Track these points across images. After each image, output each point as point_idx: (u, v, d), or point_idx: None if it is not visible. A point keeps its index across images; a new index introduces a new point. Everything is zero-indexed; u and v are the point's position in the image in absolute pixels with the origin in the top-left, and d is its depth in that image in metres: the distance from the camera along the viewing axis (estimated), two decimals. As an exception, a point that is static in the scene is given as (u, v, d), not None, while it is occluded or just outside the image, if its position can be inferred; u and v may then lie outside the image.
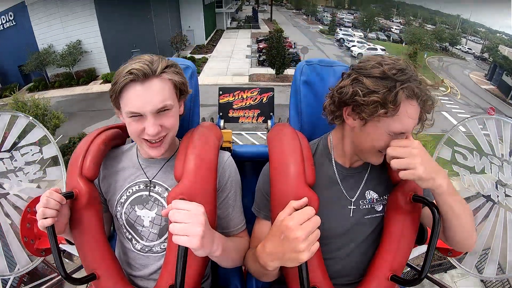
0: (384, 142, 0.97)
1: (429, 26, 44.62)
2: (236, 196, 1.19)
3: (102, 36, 21.97)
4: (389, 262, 1.03)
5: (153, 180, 1.16)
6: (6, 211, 1.56)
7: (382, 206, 1.11)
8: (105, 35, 22.06)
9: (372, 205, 1.11)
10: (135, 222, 1.15)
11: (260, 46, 27.57)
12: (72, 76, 21.74)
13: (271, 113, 1.60)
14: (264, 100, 1.59)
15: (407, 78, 0.91)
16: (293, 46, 27.77)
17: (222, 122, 1.58)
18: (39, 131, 1.60)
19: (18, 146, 1.58)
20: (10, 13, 20.94)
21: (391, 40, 40.09)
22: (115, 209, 1.17)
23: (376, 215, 1.11)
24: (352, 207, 1.10)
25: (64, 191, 1.03)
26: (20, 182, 1.57)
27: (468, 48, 39.90)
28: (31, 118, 1.59)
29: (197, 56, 26.85)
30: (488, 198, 1.56)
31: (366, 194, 1.12)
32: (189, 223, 0.85)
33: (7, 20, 21.06)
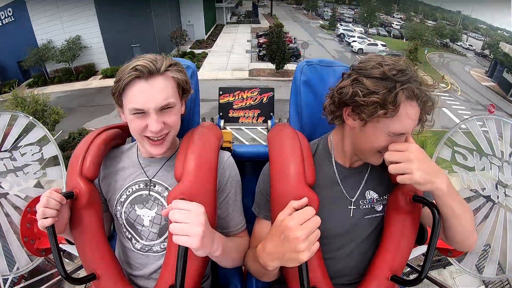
0: (384, 143, 0.96)
1: (430, 22, 44.34)
2: (236, 196, 1.19)
3: (102, 31, 21.86)
4: (389, 262, 1.03)
5: (153, 179, 1.16)
6: (6, 211, 1.56)
7: (382, 206, 1.11)
8: (105, 30, 21.94)
9: (372, 205, 1.11)
10: (135, 222, 1.15)
11: (260, 41, 27.36)
12: (72, 72, 21.64)
13: (271, 113, 1.60)
14: (264, 100, 1.58)
15: (407, 79, 0.91)
16: (293, 41, 27.62)
17: (222, 122, 1.58)
18: (39, 131, 1.60)
19: (18, 146, 1.57)
20: (9, 9, 20.80)
21: (392, 36, 39.81)
22: (115, 209, 1.17)
23: (376, 215, 1.11)
24: (352, 207, 1.10)
25: (64, 191, 1.03)
26: (20, 182, 1.57)
27: (469, 45, 39.63)
28: (31, 118, 1.59)
29: (197, 51, 26.70)
30: (488, 198, 1.56)
31: (366, 194, 1.11)
32: (189, 223, 0.85)
33: (6, 16, 20.91)
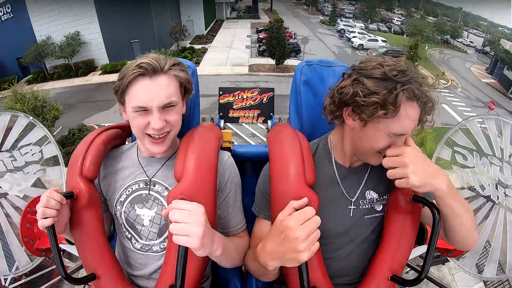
0: (384, 143, 0.96)
1: (431, 18, 43.93)
2: (236, 196, 1.19)
3: (101, 27, 21.76)
4: (389, 262, 1.03)
5: (153, 179, 1.16)
6: (6, 211, 1.56)
7: (382, 206, 1.11)
8: (104, 26, 21.84)
9: (372, 205, 1.11)
10: (135, 221, 1.15)
11: (260, 36, 27.25)
12: (71, 68, 21.55)
13: (271, 113, 1.59)
14: (264, 100, 1.58)
15: (408, 80, 0.91)
16: (294, 37, 27.50)
17: (222, 122, 1.57)
18: (39, 131, 1.60)
19: (18, 146, 1.57)
20: (8, 5, 20.62)
21: (392, 32, 39.61)
22: (115, 208, 1.17)
23: (376, 215, 1.11)
24: (352, 207, 1.10)
25: (64, 191, 1.03)
26: (20, 182, 1.57)
27: (470, 41, 39.39)
28: (31, 118, 1.58)
29: (197, 46, 26.55)
30: (488, 198, 1.56)
31: (366, 194, 1.11)
32: (189, 223, 0.85)
33: (5, 13, 20.74)
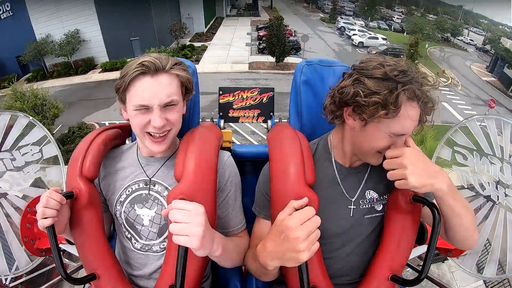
0: (384, 143, 0.97)
1: (431, 16, 43.52)
2: (236, 196, 1.19)
3: (101, 25, 21.70)
4: (389, 262, 1.03)
5: (153, 179, 1.16)
6: (6, 211, 1.56)
7: (382, 206, 1.11)
8: (104, 24, 21.77)
9: (372, 205, 1.11)
10: (135, 221, 1.15)
11: (260, 34, 27.09)
12: (71, 66, 21.50)
13: (271, 113, 1.59)
14: (264, 100, 1.58)
15: (409, 80, 0.91)
16: (294, 34, 27.33)
17: (222, 122, 1.57)
18: (39, 131, 1.59)
19: (18, 146, 1.57)
20: (7, 4, 20.55)
21: (393, 30, 39.31)
22: (115, 208, 1.17)
23: (376, 215, 1.11)
24: (352, 207, 1.10)
25: (64, 191, 1.03)
26: (20, 182, 1.57)
27: (470, 40, 39.03)
28: (31, 118, 1.58)
29: (197, 44, 26.46)
30: (488, 198, 1.56)
31: (366, 194, 1.11)
32: (189, 223, 0.85)
33: (4, 11, 20.67)
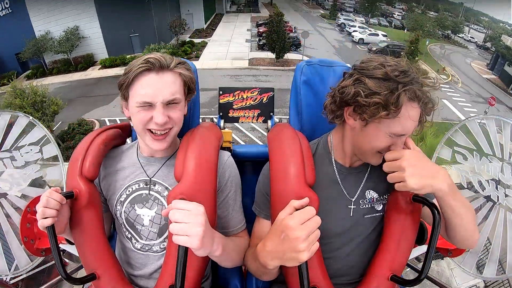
0: (384, 144, 0.97)
1: (432, 13, 42.81)
2: (236, 196, 1.19)
3: (100, 21, 21.61)
4: (389, 262, 1.03)
5: (153, 179, 1.16)
6: (6, 211, 1.56)
7: (382, 206, 1.11)
8: (103, 20, 21.70)
9: (372, 205, 1.11)
10: (135, 221, 1.15)
11: (260, 30, 27.11)
12: (70, 62, 21.39)
13: (271, 113, 1.60)
14: (264, 100, 1.58)
15: (410, 80, 0.91)
16: (294, 31, 27.30)
17: (222, 122, 1.58)
18: (39, 131, 1.60)
19: (18, 146, 1.57)
20: (6, 1, 20.38)
21: (393, 26, 38.87)
22: (115, 208, 1.17)
23: (376, 215, 1.11)
24: (352, 207, 1.10)
25: (64, 191, 1.03)
26: (20, 182, 1.57)
27: (471, 37, 38.49)
28: (31, 118, 1.59)
29: (196, 40, 26.32)
30: (488, 198, 1.56)
31: (366, 194, 1.11)
32: (189, 223, 0.85)
33: (3, 8, 20.49)
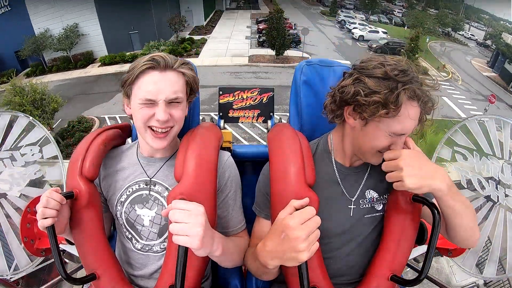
0: (384, 143, 0.97)
1: (432, 11, 42.42)
2: (236, 196, 1.19)
3: (99, 19, 21.56)
4: (389, 262, 1.03)
5: (153, 179, 1.16)
6: (6, 212, 1.56)
7: (382, 205, 1.11)
8: (102, 18, 21.64)
9: (372, 204, 1.11)
10: (135, 222, 1.15)
11: (260, 27, 27.03)
12: (70, 60, 21.33)
13: (271, 113, 1.60)
14: (264, 100, 1.58)
15: (409, 80, 0.92)
16: (294, 27, 27.14)
17: (222, 122, 1.58)
18: (39, 131, 1.60)
19: (18, 146, 1.57)
20: (5, -2, 20.25)
21: (393, 23, 38.86)
22: (115, 209, 1.17)
23: (376, 214, 1.11)
24: (352, 207, 1.10)
25: (64, 191, 1.03)
26: (20, 182, 1.57)
27: (471, 35, 38.60)
28: (31, 118, 1.59)
29: (196, 37, 26.26)
30: (488, 198, 1.56)
31: (366, 194, 1.11)
32: (189, 223, 0.85)
33: (2, 6, 20.33)
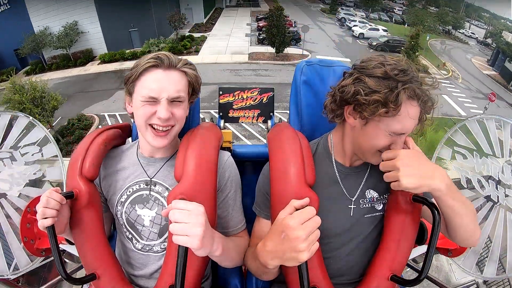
0: (384, 142, 0.97)
1: (433, 9, 42.10)
2: (236, 196, 1.19)
3: (99, 16, 21.55)
4: (389, 262, 1.03)
5: (154, 179, 1.16)
6: (6, 212, 1.56)
7: (382, 205, 1.11)
8: (102, 15, 21.65)
9: (372, 204, 1.11)
10: (136, 222, 1.15)
11: (260, 25, 27.04)
12: (69, 58, 21.35)
13: (271, 113, 1.60)
14: (264, 100, 1.59)
15: (409, 79, 0.92)
16: (294, 25, 27.08)
17: (222, 122, 1.58)
18: (39, 131, 1.60)
19: (18, 146, 1.57)
20: (5, -3, 20.21)
21: (393, 21, 38.43)
22: (116, 209, 1.17)
23: (376, 214, 1.11)
24: (353, 206, 1.10)
25: (64, 191, 1.03)
26: (20, 182, 1.57)
27: (472, 33, 38.04)
28: (31, 118, 1.59)
29: (196, 35, 26.21)
30: (488, 198, 1.56)
31: (367, 193, 1.12)
32: (189, 223, 0.85)
33: (2, 4, 20.31)
